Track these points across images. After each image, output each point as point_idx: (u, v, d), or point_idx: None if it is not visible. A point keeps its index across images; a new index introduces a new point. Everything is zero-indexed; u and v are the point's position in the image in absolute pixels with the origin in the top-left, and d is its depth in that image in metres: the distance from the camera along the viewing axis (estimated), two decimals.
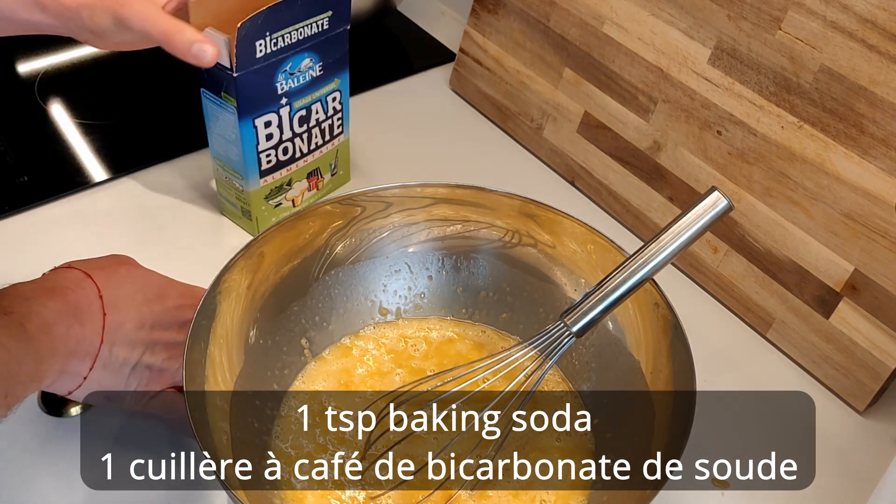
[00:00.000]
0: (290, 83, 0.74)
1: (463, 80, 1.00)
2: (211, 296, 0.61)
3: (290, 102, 0.75)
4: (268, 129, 0.75)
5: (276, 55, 0.71)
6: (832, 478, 0.66)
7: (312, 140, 0.80)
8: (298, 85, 0.75)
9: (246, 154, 0.75)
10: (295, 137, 0.78)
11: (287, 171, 0.80)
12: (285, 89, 0.74)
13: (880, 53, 0.65)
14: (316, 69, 0.75)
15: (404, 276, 0.72)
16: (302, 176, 0.81)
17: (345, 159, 0.86)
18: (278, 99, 0.74)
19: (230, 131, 0.74)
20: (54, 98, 0.95)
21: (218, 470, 0.52)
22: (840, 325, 0.70)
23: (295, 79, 0.74)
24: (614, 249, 0.66)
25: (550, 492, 0.61)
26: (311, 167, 0.82)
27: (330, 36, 0.75)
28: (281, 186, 0.80)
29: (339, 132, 0.82)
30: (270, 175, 0.78)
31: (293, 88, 0.75)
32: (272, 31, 0.70)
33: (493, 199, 0.70)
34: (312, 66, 0.75)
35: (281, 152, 0.77)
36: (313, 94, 0.77)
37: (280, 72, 0.72)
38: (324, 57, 0.75)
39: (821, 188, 0.70)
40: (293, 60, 0.73)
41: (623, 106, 0.83)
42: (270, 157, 0.77)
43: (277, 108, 0.75)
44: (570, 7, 0.86)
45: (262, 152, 0.76)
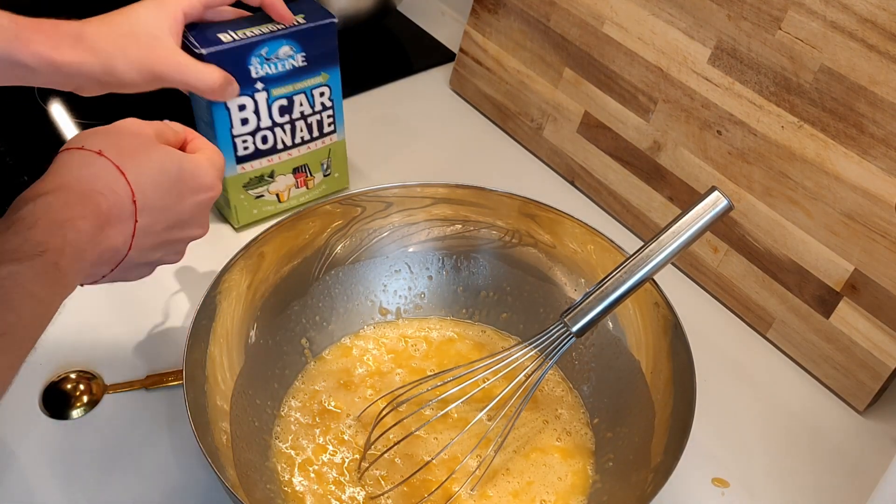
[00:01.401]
0: (266, 68, 0.73)
1: (463, 80, 1.00)
2: (211, 296, 0.61)
3: (267, 88, 0.75)
4: (242, 113, 0.74)
5: (248, 38, 0.71)
6: (832, 478, 0.66)
7: (297, 133, 0.79)
8: (277, 72, 0.74)
9: (219, 136, 0.74)
10: (275, 127, 0.77)
11: (269, 162, 0.79)
12: (261, 74, 0.73)
13: (880, 53, 0.65)
14: (297, 59, 0.75)
15: (404, 276, 0.72)
16: (287, 170, 0.81)
17: (340, 161, 0.85)
18: (253, 82, 0.73)
19: (205, 112, 0.74)
20: (54, 98, 0.95)
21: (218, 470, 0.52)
22: (840, 325, 0.70)
23: (272, 65, 0.73)
24: (614, 249, 0.66)
25: (550, 492, 0.61)
26: (297, 162, 0.81)
27: (312, 27, 0.74)
28: (262, 177, 0.79)
29: (330, 130, 0.82)
30: (249, 163, 0.78)
31: (271, 74, 0.74)
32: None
33: (493, 199, 0.70)
34: (293, 56, 0.74)
35: (260, 140, 0.77)
36: (295, 84, 0.76)
37: (254, 55, 0.72)
38: (307, 48, 0.75)
39: (821, 188, 0.70)
40: (269, 46, 0.72)
41: (623, 106, 0.83)
42: (248, 144, 0.76)
43: (252, 92, 0.74)
44: (570, 7, 0.86)
45: (237, 137, 0.75)
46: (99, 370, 0.69)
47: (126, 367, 0.69)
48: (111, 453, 0.64)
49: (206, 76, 0.68)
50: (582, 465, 0.63)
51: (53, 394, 0.67)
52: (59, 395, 0.67)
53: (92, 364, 0.69)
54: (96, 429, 0.65)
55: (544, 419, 0.66)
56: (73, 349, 0.70)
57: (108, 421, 0.66)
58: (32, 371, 0.68)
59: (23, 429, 0.65)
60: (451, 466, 0.62)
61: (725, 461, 0.67)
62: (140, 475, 0.63)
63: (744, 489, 0.65)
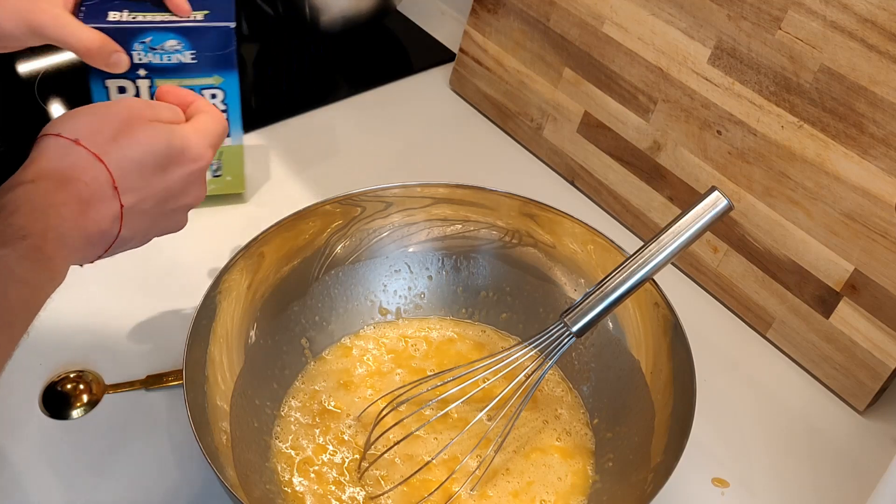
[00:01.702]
0: (150, 57, 0.72)
1: (463, 79, 1.00)
2: (211, 296, 0.61)
3: (150, 76, 0.73)
4: (122, 95, 0.73)
5: (133, 22, 0.70)
6: (832, 478, 0.66)
7: None
8: (161, 62, 0.73)
9: None
10: None
11: None
12: (144, 61, 0.72)
13: (880, 53, 0.65)
14: (186, 55, 0.73)
15: (404, 276, 0.72)
16: None
17: (235, 166, 0.82)
18: (135, 68, 0.72)
19: (89, 92, 0.72)
20: (54, 98, 0.95)
21: (218, 470, 0.52)
22: (840, 325, 0.70)
23: (158, 55, 0.72)
24: (614, 249, 0.66)
25: (550, 492, 0.61)
26: None
27: (204, 27, 0.72)
28: None
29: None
30: None
31: (154, 64, 0.72)
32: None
33: (493, 199, 0.70)
34: (181, 51, 0.72)
35: None
36: (183, 80, 0.74)
37: (137, 41, 0.71)
38: (197, 46, 0.73)
39: (821, 188, 0.70)
40: (154, 35, 0.71)
41: (623, 106, 0.83)
42: None
43: (134, 78, 0.72)
44: (570, 7, 0.86)
45: None
46: (99, 370, 0.69)
47: (126, 367, 0.69)
48: (111, 453, 0.64)
49: (83, 36, 0.66)
50: (582, 465, 0.63)
51: (53, 394, 0.67)
52: (58, 395, 0.67)
53: (92, 364, 0.69)
54: (96, 429, 0.65)
55: (544, 419, 0.66)
56: (73, 349, 0.70)
57: (108, 421, 0.66)
58: (32, 371, 0.68)
59: (23, 429, 0.65)
60: (451, 466, 0.62)
61: (725, 461, 0.67)
62: (140, 475, 0.63)
63: (744, 489, 0.65)
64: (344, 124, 0.96)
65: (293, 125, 0.96)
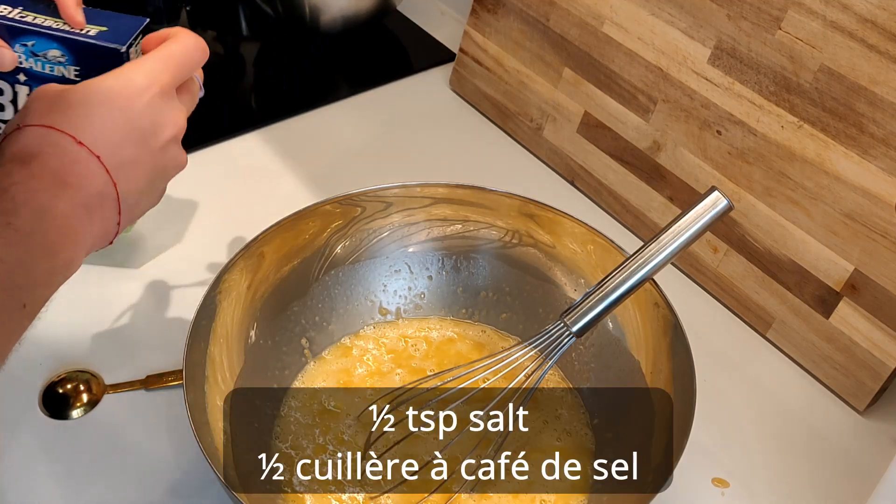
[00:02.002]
0: (31, 62, 0.67)
1: (463, 79, 1.00)
2: (211, 296, 0.61)
3: (29, 83, 0.68)
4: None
5: (16, 21, 0.65)
6: (832, 478, 0.66)
7: None
8: (43, 72, 0.67)
9: None
10: None
11: None
12: (24, 66, 0.67)
13: (880, 53, 0.65)
14: (69, 70, 0.67)
15: (404, 276, 0.72)
16: None
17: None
18: (15, 71, 0.67)
19: None
20: None
21: (218, 470, 0.52)
22: (840, 325, 0.70)
23: (40, 62, 0.67)
24: (614, 249, 0.66)
25: (551, 492, 0.61)
26: None
27: (89, 44, 0.66)
28: None
29: None
30: None
31: (35, 71, 0.67)
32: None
33: (493, 199, 0.70)
34: (63, 64, 0.67)
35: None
36: None
37: (19, 42, 0.66)
38: (81, 63, 0.67)
39: (821, 188, 0.70)
40: (38, 41, 0.66)
41: (623, 106, 0.83)
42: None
43: (12, 81, 0.68)
44: (570, 7, 0.86)
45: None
46: (99, 370, 0.69)
47: (126, 367, 0.69)
48: (111, 453, 0.64)
49: None
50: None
51: (53, 394, 0.67)
52: (58, 396, 0.67)
53: (92, 364, 0.69)
54: (96, 429, 0.65)
55: (544, 419, 0.66)
56: (72, 349, 0.70)
57: (108, 421, 0.66)
58: (32, 371, 0.68)
59: (22, 429, 0.65)
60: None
61: (725, 461, 0.67)
62: (140, 475, 0.63)
63: (744, 489, 0.65)
64: (344, 124, 0.96)
65: (293, 125, 0.96)
